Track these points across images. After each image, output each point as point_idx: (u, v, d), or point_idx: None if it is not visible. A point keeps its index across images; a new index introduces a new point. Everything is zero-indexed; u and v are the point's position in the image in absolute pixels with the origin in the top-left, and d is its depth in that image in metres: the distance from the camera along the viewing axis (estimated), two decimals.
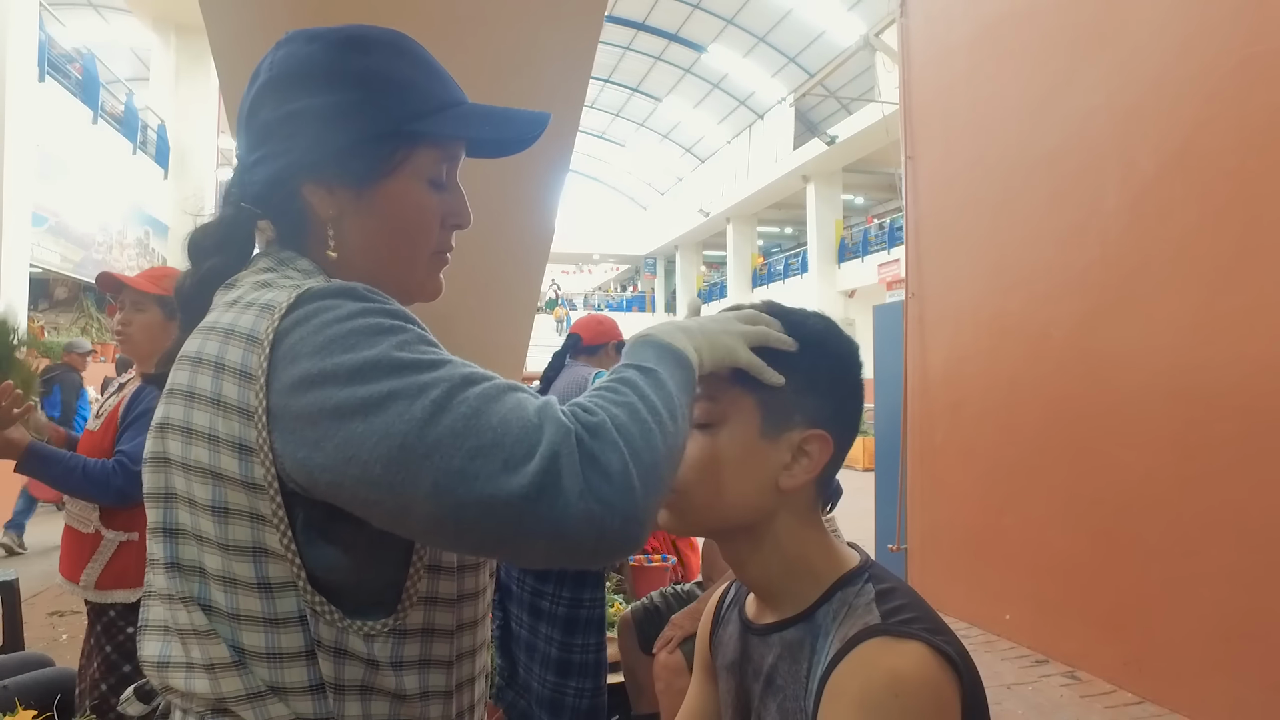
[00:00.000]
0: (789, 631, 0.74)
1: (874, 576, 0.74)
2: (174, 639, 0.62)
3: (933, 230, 4.62)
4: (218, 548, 0.58)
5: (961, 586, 4.18)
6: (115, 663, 1.75)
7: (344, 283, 0.60)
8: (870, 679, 0.63)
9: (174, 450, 0.60)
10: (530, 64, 3.17)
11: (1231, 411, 2.82)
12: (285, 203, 0.67)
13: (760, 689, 0.76)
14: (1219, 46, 2.92)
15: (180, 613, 0.61)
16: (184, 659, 0.61)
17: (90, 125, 9.58)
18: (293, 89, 0.66)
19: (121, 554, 1.77)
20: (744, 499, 0.72)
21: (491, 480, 0.50)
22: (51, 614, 4.14)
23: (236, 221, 0.69)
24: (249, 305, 0.60)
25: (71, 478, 1.69)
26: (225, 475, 0.57)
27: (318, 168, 0.66)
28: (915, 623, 0.67)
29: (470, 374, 0.55)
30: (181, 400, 0.60)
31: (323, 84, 0.66)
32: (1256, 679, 2.68)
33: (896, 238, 14.63)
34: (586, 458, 0.51)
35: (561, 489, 0.49)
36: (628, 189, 32.25)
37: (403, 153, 0.67)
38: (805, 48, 20.23)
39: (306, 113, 0.65)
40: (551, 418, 0.52)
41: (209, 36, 3.13)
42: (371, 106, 0.66)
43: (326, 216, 0.67)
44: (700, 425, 0.73)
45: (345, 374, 0.53)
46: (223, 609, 0.59)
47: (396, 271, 0.70)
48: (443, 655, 0.66)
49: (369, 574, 0.61)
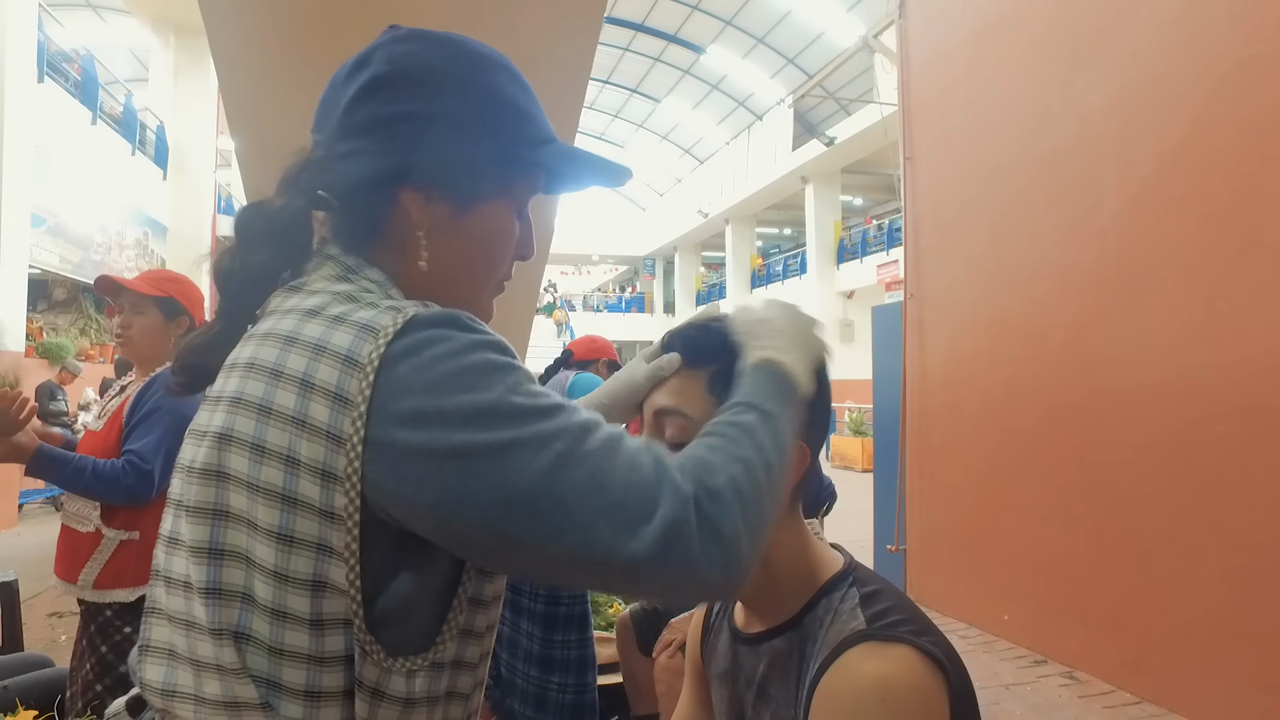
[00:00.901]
0: (777, 641, 0.74)
1: (858, 579, 0.74)
2: (184, 667, 0.58)
3: (931, 231, 4.62)
4: (273, 576, 0.55)
5: (960, 587, 4.18)
6: (111, 663, 1.74)
7: (448, 311, 0.58)
8: (858, 686, 0.63)
9: (237, 466, 0.56)
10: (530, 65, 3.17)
11: (1229, 412, 2.82)
12: (373, 203, 0.64)
13: (753, 699, 0.76)
14: (1217, 48, 2.92)
15: (203, 644, 0.56)
16: (193, 691, 0.57)
17: (89, 126, 9.57)
18: (411, 89, 0.64)
19: (121, 553, 1.76)
20: None
21: (613, 541, 0.50)
22: (50, 615, 4.14)
23: (303, 213, 0.64)
24: (340, 321, 0.57)
25: (81, 478, 1.70)
26: (300, 501, 0.54)
27: (424, 175, 0.63)
28: (901, 625, 0.67)
29: (585, 422, 0.55)
30: (254, 414, 0.55)
31: (447, 93, 0.64)
32: (1254, 679, 2.68)
33: (895, 239, 14.64)
34: (705, 524, 0.52)
35: (679, 554, 0.51)
36: (626, 190, 32.23)
37: (512, 179, 0.67)
38: (804, 49, 20.25)
39: (426, 117, 0.63)
40: (669, 480, 0.53)
41: (208, 37, 3.14)
42: (496, 127, 0.65)
43: (420, 226, 0.64)
44: (676, 444, 0.72)
45: (463, 416, 0.52)
46: (264, 640, 0.55)
47: (468, 292, 0.69)
48: (465, 688, 0.64)
49: (421, 608, 0.59)
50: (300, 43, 3.12)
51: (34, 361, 7.62)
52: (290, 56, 3.19)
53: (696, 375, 0.74)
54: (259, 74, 3.27)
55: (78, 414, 7.75)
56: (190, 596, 0.57)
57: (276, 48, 3.16)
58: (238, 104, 3.41)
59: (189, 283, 1.98)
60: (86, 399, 8.32)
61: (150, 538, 1.78)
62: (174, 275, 1.99)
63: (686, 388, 0.74)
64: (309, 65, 3.43)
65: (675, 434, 0.73)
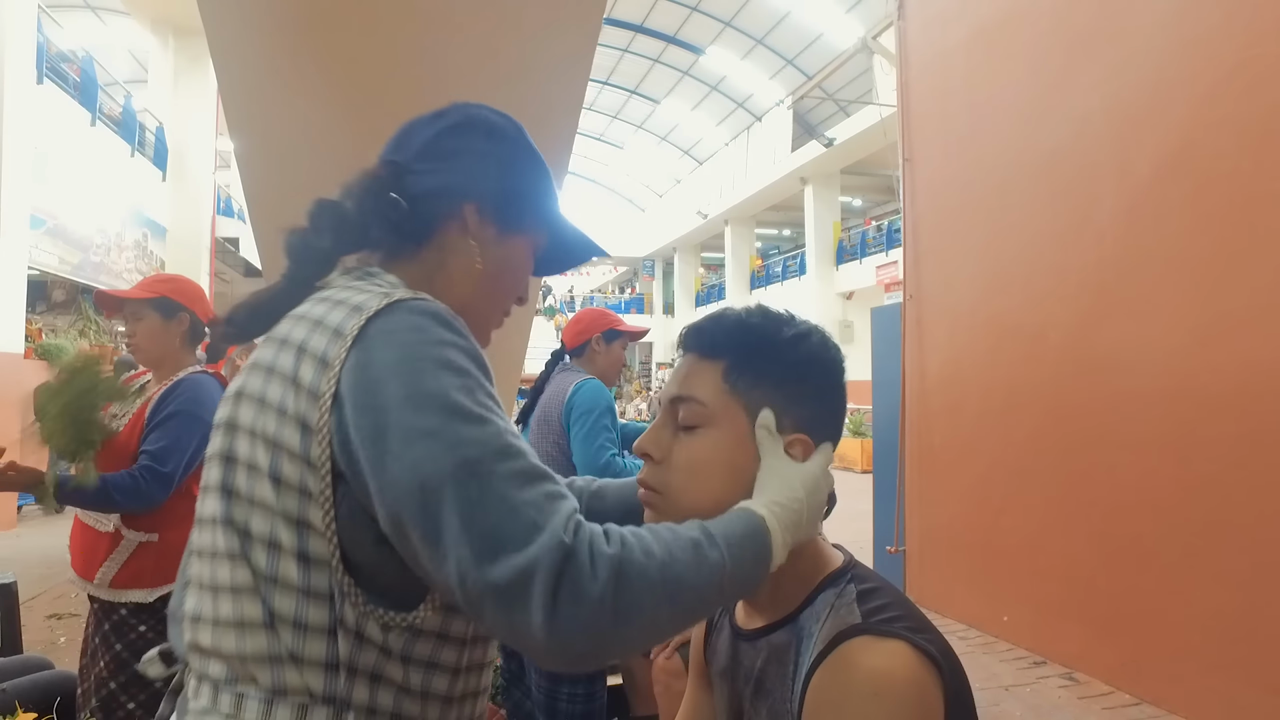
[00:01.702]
0: (775, 635, 0.74)
1: (856, 576, 0.74)
2: (207, 595, 0.66)
3: (931, 232, 4.63)
4: (268, 513, 0.63)
5: (960, 588, 4.18)
6: (126, 661, 1.75)
7: (435, 305, 0.66)
8: (852, 679, 0.63)
9: (244, 418, 0.66)
10: (530, 66, 3.18)
11: (1228, 413, 2.82)
12: (437, 209, 0.78)
13: (750, 693, 0.76)
14: (1215, 50, 2.93)
15: (222, 569, 0.65)
16: (213, 615, 0.65)
17: (88, 127, 9.55)
18: (480, 135, 0.81)
19: (140, 554, 1.77)
20: (731, 500, 0.72)
21: (474, 560, 0.54)
22: (50, 617, 4.13)
23: (369, 213, 0.75)
24: (339, 303, 0.67)
25: (100, 498, 1.70)
26: (285, 447, 0.62)
27: (484, 197, 0.79)
28: (897, 621, 0.67)
29: (508, 446, 0.59)
30: (262, 374, 0.66)
31: (509, 144, 0.83)
32: (1253, 680, 2.69)
33: (894, 240, 14.65)
34: (567, 577, 0.53)
35: (526, 595, 0.52)
36: (626, 191, 32.28)
37: (538, 223, 0.84)
38: (803, 50, 20.27)
39: (491, 155, 0.80)
40: (554, 526, 0.55)
41: (207, 39, 3.13)
42: (540, 177, 0.84)
43: (475, 236, 0.78)
44: (688, 428, 0.73)
45: (403, 396, 0.59)
46: (262, 571, 0.63)
47: (483, 310, 0.82)
48: (450, 661, 0.69)
49: (391, 569, 0.63)
50: (299, 44, 3.12)
51: (33, 363, 7.61)
52: (290, 58, 3.20)
53: (714, 365, 0.74)
54: (258, 75, 3.27)
55: None
56: (207, 530, 0.68)
57: (276, 49, 3.16)
58: (237, 105, 3.41)
59: (183, 280, 2.00)
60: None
61: (169, 539, 1.79)
62: (167, 276, 2.02)
63: (702, 376, 0.74)
64: (308, 66, 3.45)
65: (688, 417, 0.73)
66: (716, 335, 0.75)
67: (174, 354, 1.91)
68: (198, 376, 1.89)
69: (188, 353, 1.94)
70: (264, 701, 0.63)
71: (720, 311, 0.78)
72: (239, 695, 0.64)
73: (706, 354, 0.75)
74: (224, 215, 13.70)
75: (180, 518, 1.81)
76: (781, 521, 0.66)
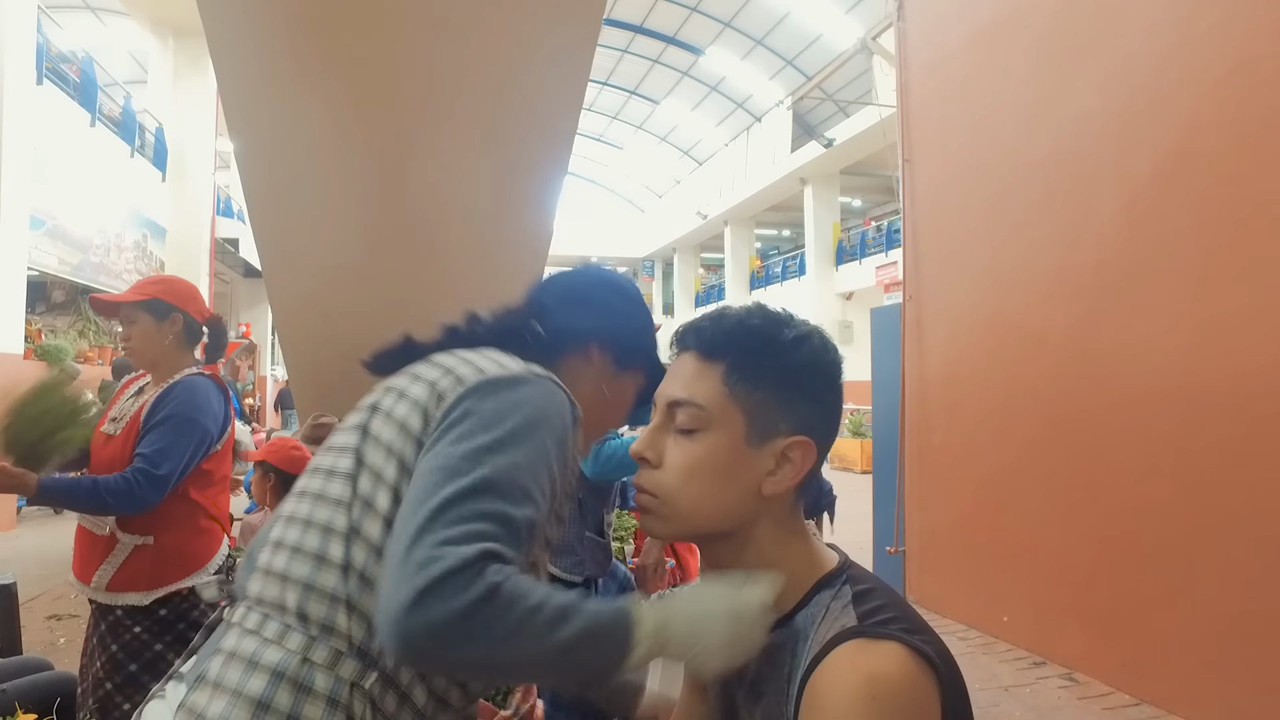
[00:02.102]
0: (770, 637, 0.73)
1: (852, 578, 0.74)
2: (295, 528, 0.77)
3: (930, 233, 4.63)
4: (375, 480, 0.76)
5: (959, 588, 4.18)
6: (121, 662, 1.75)
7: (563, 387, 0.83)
8: (847, 681, 0.62)
9: (375, 427, 0.79)
10: (530, 67, 3.18)
11: (1227, 413, 2.82)
12: (569, 343, 0.97)
13: (744, 696, 0.76)
14: (1213, 51, 2.93)
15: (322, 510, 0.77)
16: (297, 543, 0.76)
17: (88, 128, 9.55)
18: (609, 290, 1.04)
19: (135, 557, 1.77)
20: (727, 505, 0.72)
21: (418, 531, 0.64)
22: (49, 617, 4.12)
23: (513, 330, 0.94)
24: (495, 358, 0.83)
25: (93, 500, 1.69)
26: (398, 455, 0.76)
27: (608, 341, 0.99)
28: (892, 623, 0.66)
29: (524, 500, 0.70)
30: (396, 397, 0.81)
31: (630, 301, 1.05)
32: (1253, 680, 2.69)
33: (894, 240, 14.65)
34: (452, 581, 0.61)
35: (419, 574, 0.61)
36: (625, 191, 32.27)
37: (644, 365, 1.03)
38: (802, 51, 20.26)
39: (622, 312, 1.02)
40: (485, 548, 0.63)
41: (207, 39, 3.13)
42: (648, 328, 1.05)
43: (597, 369, 0.99)
44: (686, 431, 0.73)
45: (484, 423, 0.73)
46: (354, 522, 0.75)
47: (589, 426, 0.94)
48: None
49: None
50: (299, 45, 3.12)
51: (33, 364, 7.61)
52: (289, 59, 3.19)
53: (713, 367, 0.74)
54: (258, 76, 3.27)
55: None
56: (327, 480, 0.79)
57: (275, 50, 3.16)
58: (237, 106, 3.41)
59: (176, 280, 1.98)
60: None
61: (164, 542, 1.79)
62: (160, 277, 2.02)
63: (702, 378, 0.74)
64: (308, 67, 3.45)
65: (686, 421, 0.73)
66: (716, 336, 0.75)
67: (169, 355, 1.90)
68: (194, 379, 1.87)
69: (184, 353, 1.93)
70: (307, 637, 0.72)
71: (719, 311, 0.78)
72: (285, 626, 0.73)
73: (706, 355, 0.75)
74: (224, 216, 13.69)
75: (175, 521, 1.81)
76: (666, 635, 0.67)
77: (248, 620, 0.75)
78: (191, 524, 1.86)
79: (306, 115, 3.34)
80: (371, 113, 3.33)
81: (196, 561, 1.85)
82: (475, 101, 3.28)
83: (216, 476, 1.93)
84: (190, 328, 1.93)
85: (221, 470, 1.95)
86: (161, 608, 1.78)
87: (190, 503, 1.84)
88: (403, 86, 3.24)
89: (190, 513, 1.85)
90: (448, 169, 3.54)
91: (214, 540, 1.91)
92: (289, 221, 3.80)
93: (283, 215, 3.80)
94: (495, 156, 3.47)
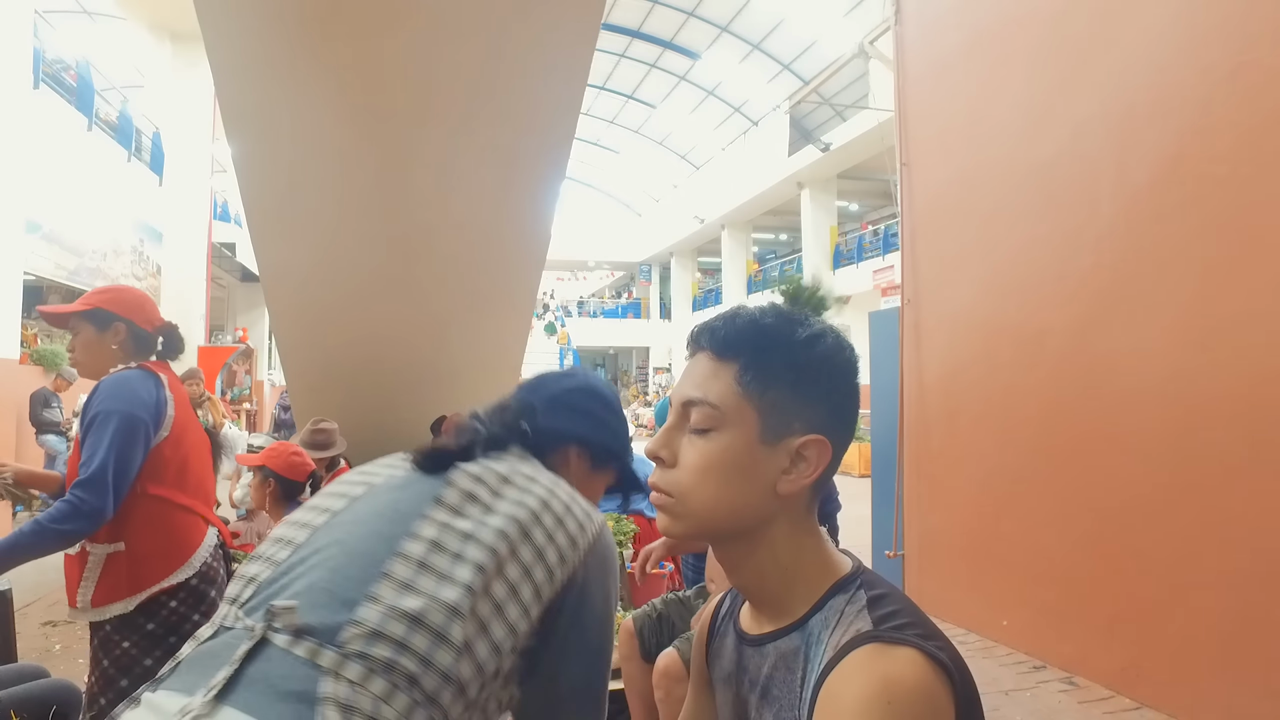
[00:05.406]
0: (783, 640, 0.74)
1: (866, 582, 0.74)
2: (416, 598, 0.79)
3: (928, 237, 4.63)
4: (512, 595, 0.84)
5: (959, 592, 4.17)
6: (113, 677, 1.72)
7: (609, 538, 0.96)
8: (863, 686, 0.62)
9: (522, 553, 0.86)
10: (528, 71, 3.18)
11: (1227, 418, 2.82)
12: (551, 444, 1.06)
13: (756, 699, 0.76)
14: (1212, 55, 2.94)
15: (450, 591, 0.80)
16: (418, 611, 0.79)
17: (84, 132, 9.55)
18: (591, 399, 1.13)
19: (110, 567, 1.73)
20: (742, 504, 0.72)
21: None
22: (44, 624, 4.10)
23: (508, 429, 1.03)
24: (570, 494, 0.94)
25: (45, 539, 1.63)
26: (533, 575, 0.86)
27: (586, 445, 1.11)
28: (908, 629, 0.66)
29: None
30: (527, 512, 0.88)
31: (610, 410, 1.14)
32: (1253, 684, 2.68)
33: (891, 244, 14.68)
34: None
35: None
36: (622, 195, 32.34)
37: (616, 466, 1.16)
38: (799, 55, 20.34)
39: (602, 420, 1.12)
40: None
41: (205, 43, 3.13)
42: (624, 441, 1.16)
43: (575, 470, 1.09)
44: (700, 430, 0.73)
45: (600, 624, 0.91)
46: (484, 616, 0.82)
47: None
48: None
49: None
50: (296, 49, 3.11)
51: (29, 368, 7.59)
52: (286, 63, 3.19)
53: (727, 366, 0.74)
54: (255, 80, 3.27)
55: (72, 421, 7.72)
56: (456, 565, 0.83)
57: (272, 54, 3.16)
58: (234, 110, 3.41)
59: (122, 290, 1.93)
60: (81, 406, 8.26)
61: (136, 546, 1.74)
62: (107, 287, 1.97)
63: (716, 378, 0.74)
64: (305, 71, 3.44)
65: (700, 420, 0.73)
66: (730, 335, 0.75)
67: (111, 364, 1.85)
68: (118, 374, 1.80)
69: (127, 362, 1.87)
70: (412, 701, 0.75)
71: (733, 311, 0.78)
72: (392, 685, 0.75)
73: (719, 354, 0.75)
74: (220, 220, 13.69)
75: (143, 521, 1.75)
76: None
77: (348, 669, 0.74)
78: (162, 521, 1.78)
79: (304, 119, 3.33)
80: (369, 117, 3.33)
81: (177, 557, 1.78)
82: (473, 106, 3.28)
83: (174, 466, 1.82)
84: (137, 337, 1.87)
85: (179, 456, 1.84)
86: (149, 621, 1.74)
87: (152, 499, 1.77)
88: (400, 91, 3.24)
89: (157, 509, 1.78)
90: (446, 173, 3.54)
91: (193, 532, 1.83)
92: (286, 225, 3.80)
93: (280, 219, 3.79)
94: (493, 161, 3.48)
